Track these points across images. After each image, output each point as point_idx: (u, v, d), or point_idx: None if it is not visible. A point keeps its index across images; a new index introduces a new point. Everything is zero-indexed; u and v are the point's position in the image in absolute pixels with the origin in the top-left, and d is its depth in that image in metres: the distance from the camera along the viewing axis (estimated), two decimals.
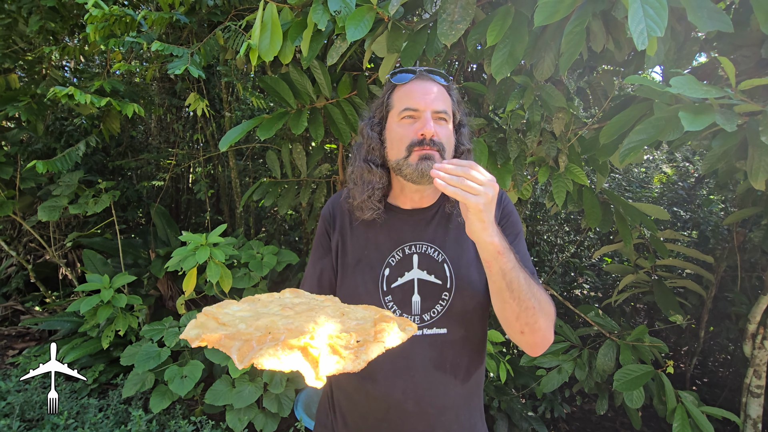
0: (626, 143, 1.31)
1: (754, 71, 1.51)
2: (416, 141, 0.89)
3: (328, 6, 1.39)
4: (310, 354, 0.56)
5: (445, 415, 0.95)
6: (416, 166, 0.89)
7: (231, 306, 0.68)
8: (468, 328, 0.96)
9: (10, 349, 3.25)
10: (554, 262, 3.98)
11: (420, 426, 0.94)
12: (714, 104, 1.12)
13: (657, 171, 4.62)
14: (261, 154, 4.14)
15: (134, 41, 1.85)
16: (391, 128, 0.95)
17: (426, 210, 1.00)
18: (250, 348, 0.54)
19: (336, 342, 0.58)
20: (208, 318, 0.62)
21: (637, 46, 0.98)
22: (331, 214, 1.05)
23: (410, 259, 0.97)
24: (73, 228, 3.65)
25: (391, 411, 0.94)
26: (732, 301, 2.81)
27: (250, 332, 0.58)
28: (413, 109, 0.91)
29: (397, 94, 0.96)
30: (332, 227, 1.03)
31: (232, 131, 1.83)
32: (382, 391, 0.94)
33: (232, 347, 0.55)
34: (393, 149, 0.94)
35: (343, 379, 1.00)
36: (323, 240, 1.05)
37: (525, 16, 1.37)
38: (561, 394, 2.75)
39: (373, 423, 0.97)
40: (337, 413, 1.04)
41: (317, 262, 1.04)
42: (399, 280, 0.96)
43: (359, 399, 0.98)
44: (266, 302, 0.71)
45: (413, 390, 0.93)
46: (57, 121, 3.39)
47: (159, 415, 2.29)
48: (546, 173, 1.82)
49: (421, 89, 0.92)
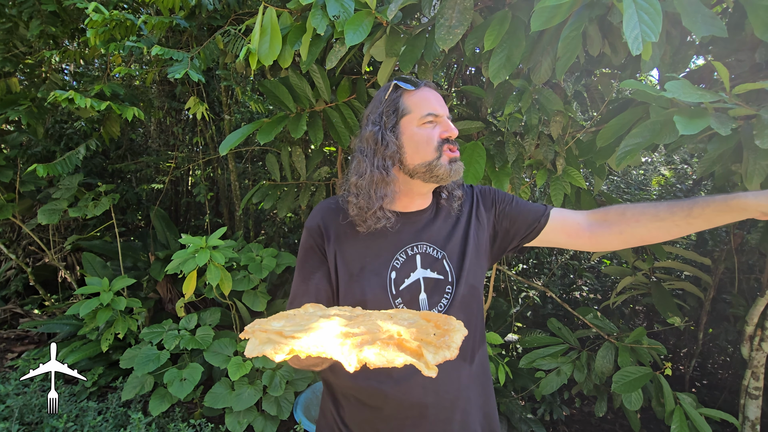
0: (623, 146, 1.32)
1: (749, 75, 1.52)
2: (443, 140, 0.98)
3: (327, 11, 1.41)
4: (407, 348, 0.54)
5: (461, 398, 0.98)
6: (449, 166, 0.98)
7: (271, 323, 0.62)
8: (468, 312, 1.01)
9: (9, 352, 3.24)
10: (553, 265, 3.99)
11: (441, 415, 0.95)
12: (709, 108, 1.13)
13: (655, 173, 4.63)
14: (260, 156, 4.15)
15: (134, 45, 1.86)
16: (413, 132, 0.99)
17: (421, 212, 1.05)
18: (348, 349, 0.52)
19: (423, 336, 0.57)
20: (269, 333, 0.57)
21: (632, 51, 0.99)
22: (322, 225, 1.02)
23: (414, 260, 0.99)
24: (73, 231, 3.65)
25: (413, 408, 0.94)
26: (730, 303, 2.81)
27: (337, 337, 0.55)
28: (435, 114, 0.99)
29: (411, 100, 1.00)
30: (326, 239, 1.01)
31: (232, 135, 1.84)
32: (403, 391, 0.94)
33: (332, 352, 0.52)
34: (418, 152, 0.98)
35: (353, 391, 0.98)
36: (313, 254, 1.02)
37: (522, 20, 1.38)
38: (560, 396, 2.75)
39: (395, 425, 0.95)
40: (352, 429, 1.00)
41: (309, 278, 1.01)
42: (406, 282, 0.97)
43: (377, 404, 0.96)
44: (303, 315, 0.67)
45: (432, 383, 0.94)
46: (57, 125, 3.40)
47: (158, 418, 2.29)
48: (544, 176, 1.83)
49: (435, 96, 1.01)
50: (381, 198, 0.97)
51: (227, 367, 2.17)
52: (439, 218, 1.06)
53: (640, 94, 1.36)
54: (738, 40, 1.48)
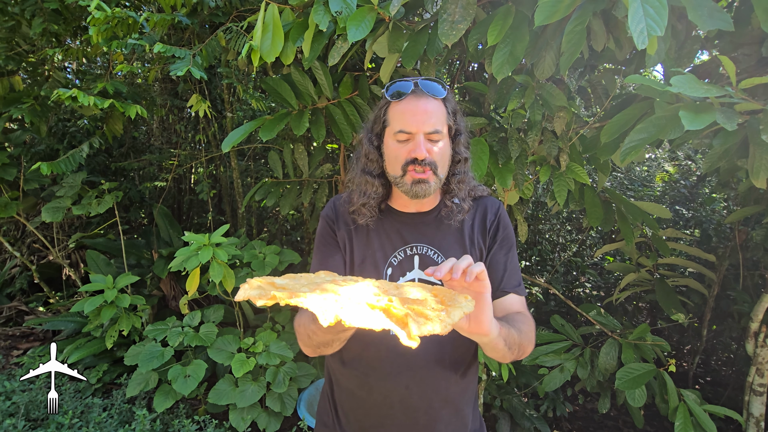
0: (627, 142, 1.31)
1: (755, 70, 1.51)
2: (410, 160, 0.94)
3: (329, 7, 1.40)
4: (394, 314, 0.52)
5: (446, 408, 0.99)
6: (410, 187, 0.95)
7: (276, 280, 0.61)
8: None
9: (15, 349, 3.26)
10: (556, 261, 3.98)
11: (422, 419, 0.97)
12: (715, 103, 1.12)
13: (659, 169, 4.60)
14: (263, 154, 4.15)
15: (137, 43, 1.86)
16: (388, 145, 0.99)
17: (426, 214, 1.04)
18: (330, 306, 0.50)
19: (417, 307, 0.54)
20: (263, 282, 0.57)
21: (637, 45, 0.98)
22: (334, 214, 1.07)
23: (411, 259, 1.00)
24: (77, 229, 3.67)
25: (396, 406, 0.97)
26: (734, 299, 2.80)
27: (323, 291, 0.53)
28: (407, 132, 0.94)
29: (392, 111, 0.97)
30: (337, 228, 1.05)
31: (234, 133, 1.84)
32: (386, 387, 0.97)
33: (310, 302, 0.50)
34: (390, 165, 0.99)
35: (344, 377, 1.03)
36: (328, 239, 1.05)
37: (525, 15, 1.37)
38: (563, 392, 2.75)
39: (376, 419, 0.99)
40: (339, 411, 1.06)
41: (325, 261, 1.04)
42: (401, 280, 0.99)
43: (362, 395, 1.00)
44: (310, 276, 0.67)
45: (417, 385, 0.96)
46: (60, 123, 3.40)
47: (163, 415, 2.31)
48: (547, 172, 1.82)
49: (414, 110, 0.94)
50: (367, 197, 1.00)
51: (231, 363, 2.18)
52: (445, 223, 1.03)
53: (644, 89, 1.34)
54: (744, 33, 1.47)
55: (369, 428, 1.00)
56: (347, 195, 1.07)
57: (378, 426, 0.99)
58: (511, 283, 1.00)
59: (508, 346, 0.82)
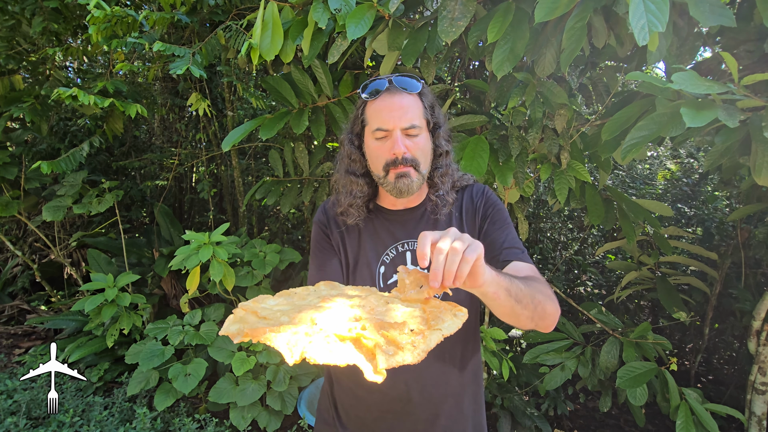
0: (628, 140, 1.30)
1: (757, 66, 1.50)
2: (390, 161, 0.94)
3: (328, 4, 1.39)
4: (364, 345, 0.51)
5: (447, 402, 0.99)
6: (394, 184, 0.94)
7: (267, 301, 0.63)
8: None
9: (17, 347, 3.27)
10: (557, 260, 3.97)
11: (423, 414, 0.98)
12: (716, 100, 1.11)
13: (661, 167, 4.58)
14: (263, 153, 4.15)
15: (136, 42, 1.86)
16: (368, 144, 0.99)
17: (414, 210, 1.04)
18: (299, 341, 0.50)
19: (391, 333, 0.53)
20: (247, 312, 0.58)
21: (638, 41, 0.97)
22: (326, 218, 1.08)
23: (403, 256, 1.01)
24: (78, 228, 3.67)
25: (396, 403, 0.98)
26: (736, 298, 2.79)
27: (295, 325, 0.53)
28: (384, 129, 0.93)
29: (369, 110, 0.97)
30: (330, 230, 1.06)
31: (234, 131, 1.83)
32: (386, 384, 0.96)
33: (278, 341, 0.51)
34: (373, 164, 0.99)
35: (344, 375, 1.03)
36: (324, 244, 1.06)
37: (526, 12, 1.36)
38: (564, 391, 2.75)
39: (377, 415, 0.99)
40: (339, 408, 1.07)
41: (324, 266, 1.04)
42: (394, 277, 0.99)
43: (362, 394, 1.00)
44: (303, 295, 0.67)
45: (416, 381, 0.97)
46: (61, 122, 3.41)
47: (163, 413, 2.31)
48: (548, 170, 1.81)
49: (389, 106, 0.93)
50: (353, 197, 1.00)
51: (231, 362, 2.18)
52: (432, 217, 1.03)
53: (646, 86, 1.34)
54: (746, 30, 1.46)
55: (369, 425, 1.01)
56: (335, 197, 1.07)
57: (379, 422, 1.00)
58: (512, 253, 0.96)
59: (514, 299, 0.76)
